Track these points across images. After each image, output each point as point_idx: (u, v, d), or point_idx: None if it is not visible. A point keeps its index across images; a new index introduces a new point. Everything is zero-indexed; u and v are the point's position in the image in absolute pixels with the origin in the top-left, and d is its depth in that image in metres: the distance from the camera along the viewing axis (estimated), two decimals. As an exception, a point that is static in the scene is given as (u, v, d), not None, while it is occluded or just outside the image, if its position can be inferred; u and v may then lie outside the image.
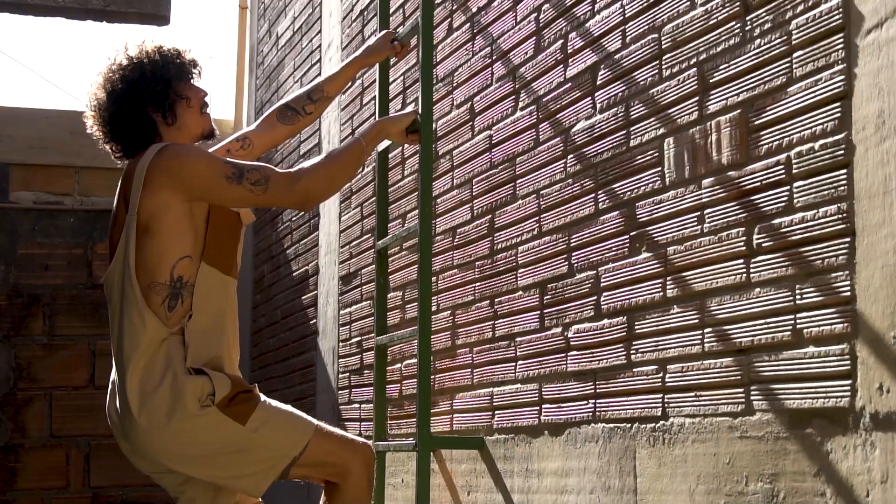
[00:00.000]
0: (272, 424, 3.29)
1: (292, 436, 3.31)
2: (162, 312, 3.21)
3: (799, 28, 2.68)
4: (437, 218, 4.48)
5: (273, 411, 3.31)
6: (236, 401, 3.23)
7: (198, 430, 3.20)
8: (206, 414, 3.19)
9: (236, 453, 3.26)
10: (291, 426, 3.33)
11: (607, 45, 3.45)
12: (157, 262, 3.21)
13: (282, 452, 3.29)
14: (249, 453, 3.27)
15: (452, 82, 4.45)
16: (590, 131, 3.51)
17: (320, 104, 3.86)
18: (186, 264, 3.23)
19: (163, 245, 3.21)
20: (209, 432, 3.21)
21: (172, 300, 3.22)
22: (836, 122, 2.55)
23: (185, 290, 3.23)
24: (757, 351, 2.76)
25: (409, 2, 4.91)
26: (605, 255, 3.40)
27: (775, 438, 2.69)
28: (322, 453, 3.32)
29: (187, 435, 3.20)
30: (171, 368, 3.19)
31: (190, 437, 3.20)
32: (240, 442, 3.24)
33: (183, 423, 3.18)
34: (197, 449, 3.24)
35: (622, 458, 3.27)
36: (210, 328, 3.27)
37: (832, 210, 2.55)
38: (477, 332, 4.14)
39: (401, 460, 4.71)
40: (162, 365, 3.20)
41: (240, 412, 3.23)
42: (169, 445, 3.22)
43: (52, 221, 8.02)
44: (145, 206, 3.21)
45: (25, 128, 8.02)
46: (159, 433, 3.19)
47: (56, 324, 7.94)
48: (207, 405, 3.19)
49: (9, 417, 7.81)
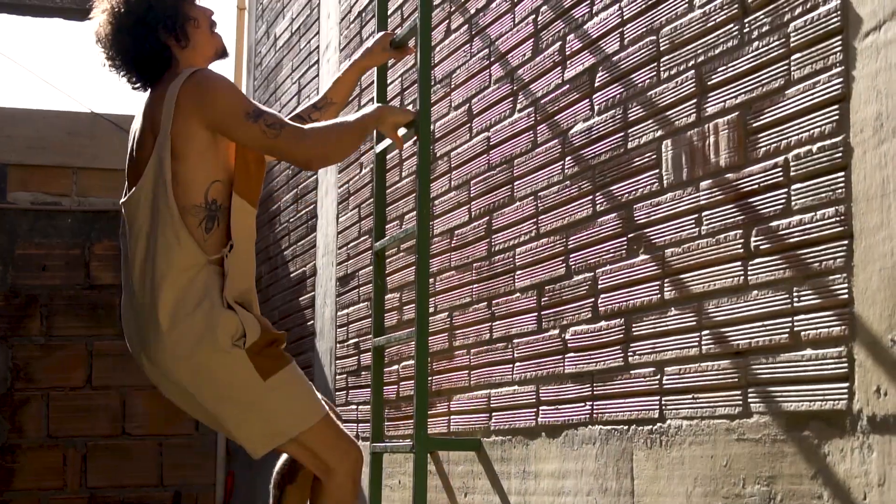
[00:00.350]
0: (289, 392, 3.30)
1: (303, 412, 3.32)
2: (199, 234, 3.24)
3: (797, 30, 2.68)
4: (435, 219, 4.48)
5: (295, 380, 3.32)
6: (267, 354, 3.26)
7: (220, 366, 3.23)
8: (232, 354, 3.22)
9: (246, 405, 3.28)
10: (307, 402, 3.33)
11: (605, 47, 3.45)
12: (190, 185, 3.24)
13: (287, 423, 3.30)
14: (257, 411, 3.28)
15: (450, 84, 4.45)
16: (588, 133, 3.51)
17: (325, 111, 3.87)
18: (219, 188, 3.27)
19: (192, 170, 3.24)
20: (229, 373, 3.24)
21: (209, 222, 3.25)
22: (834, 124, 2.55)
23: (220, 212, 3.27)
24: (754, 353, 2.76)
25: (408, 3, 4.91)
26: (603, 257, 3.40)
27: (773, 441, 2.69)
28: (318, 443, 3.33)
29: (209, 368, 3.23)
30: (208, 297, 3.22)
31: (211, 370, 3.23)
32: (253, 395, 3.26)
33: (209, 356, 3.21)
34: (212, 384, 3.26)
35: (619, 460, 3.27)
36: (243, 259, 3.31)
37: (830, 213, 2.55)
38: (474, 333, 4.14)
39: (398, 462, 4.70)
40: (199, 292, 3.22)
41: (265, 366, 3.25)
42: (189, 373, 3.24)
43: (50, 222, 8.02)
44: (177, 129, 3.24)
45: (23, 128, 8.02)
46: (184, 359, 3.21)
47: (53, 324, 7.94)
48: (238, 346, 3.22)
49: (6, 418, 7.81)
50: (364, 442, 5.18)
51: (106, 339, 7.99)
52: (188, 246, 3.23)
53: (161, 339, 3.22)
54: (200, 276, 3.23)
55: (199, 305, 3.21)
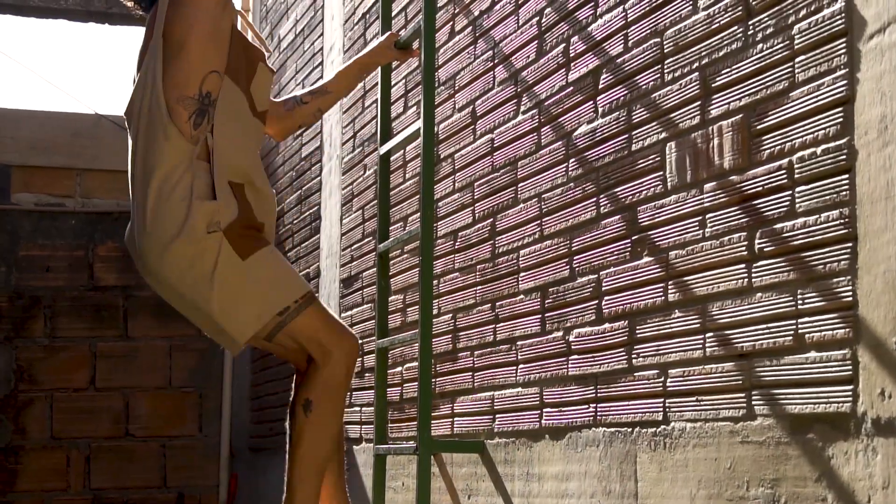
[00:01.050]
0: (271, 269, 3.36)
1: (285, 287, 3.37)
2: (187, 129, 3.30)
3: (801, 32, 2.68)
4: (439, 221, 4.47)
5: (275, 260, 3.39)
6: (245, 235, 3.32)
7: (200, 253, 3.29)
8: (210, 238, 3.28)
9: (230, 288, 3.33)
10: (288, 279, 3.40)
11: (609, 49, 3.45)
12: (187, 77, 3.31)
13: (271, 302, 3.34)
14: (241, 293, 3.33)
15: (454, 86, 4.45)
16: (591, 135, 3.51)
17: (317, 97, 3.89)
18: (214, 79, 3.34)
19: (192, 59, 3.32)
20: (209, 259, 3.29)
21: (199, 117, 3.32)
22: (839, 126, 2.55)
23: (212, 107, 3.33)
24: (758, 356, 2.76)
25: (412, 5, 4.91)
26: (607, 259, 3.40)
27: (777, 443, 2.69)
28: (310, 328, 3.37)
29: (189, 258, 3.29)
30: (191, 193, 3.28)
31: (191, 261, 3.29)
32: (235, 276, 3.31)
33: (186, 247, 3.28)
34: (194, 275, 3.32)
35: (623, 463, 3.26)
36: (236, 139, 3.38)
37: (834, 215, 2.55)
38: (478, 335, 4.14)
39: (401, 463, 4.70)
40: (183, 188, 3.29)
41: (244, 246, 3.31)
42: (173, 265, 3.31)
43: (54, 223, 8.02)
44: (172, 27, 3.32)
45: (27, 129, 8.03)
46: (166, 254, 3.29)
47: (57, 325, 7.94)
48: (214, 230, 3.28)
49: (9, 419, 7.81)
50: (368, 444, 5.18)
51: (109, 340, 8.00)
52: (175, 139, 3.30)
53: (146, 237, 3.31)
54: (187, 174, 3.30)
55: (182, 200, 3.28)
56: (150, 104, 3.33)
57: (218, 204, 3.29)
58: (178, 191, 3.29)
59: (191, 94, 3.31)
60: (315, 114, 3.88)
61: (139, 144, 3.36)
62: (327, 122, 6.11)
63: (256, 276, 3.33)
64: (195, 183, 3.30)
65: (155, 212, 3.29)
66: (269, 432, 7.08)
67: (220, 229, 3.28)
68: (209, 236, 3.27)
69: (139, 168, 3.36)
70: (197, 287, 3.34)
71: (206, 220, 3.27)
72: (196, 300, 3.36)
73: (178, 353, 8.09)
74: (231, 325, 3.37)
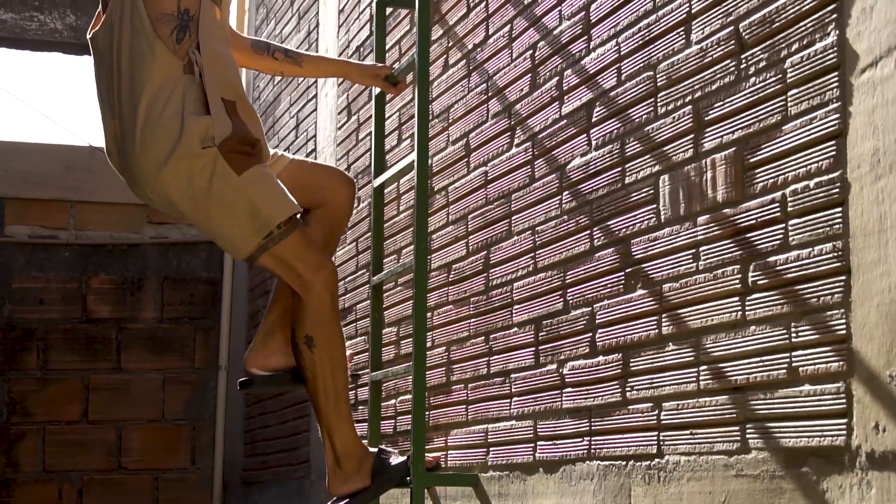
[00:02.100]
0: (264, 185, 3.41)
1: (280, 203, 3.43)
2: (171, 44, 3.34)
3: (794, 66, 2.69)
4: (433, 254, 4.48)
5: (269, 176, 3.44)
6: (240, 151, 3.36)
7: (195, 169, 3.33)
8: (204, 154, 3.32)
9: (226, 204, 3.39)
10: (282, 195, 3.45)
11: (602, 82, 3.46)
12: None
13: (266, 216, 3.40)
14: (238, 206, 3.39)
15: (448, 118, 4.46)
16: (585, 168, 3.52)
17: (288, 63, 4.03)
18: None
19: None
20: (206, 174, 3.34)
21: (181, 32, 3.35)
22: (832, 160, 2.56)
23: (191, 23, 3.37)
24: (752, 389, 2.76)
25: (406, 38, 4.92)
26: (600, 292, 3.40)
27: (771, 477, 2.69)
28: (293, 253, 3.45)
29: (185, 174, 3.33)
30: (182, 107, 3.32)
31: (188, 176, 3.34)
32: (231, 191, 3.37)
33: (181, 163, 3.32)
34: (191, 190, 3.37)
35: (617, 496, 3.25)
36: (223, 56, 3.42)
37: (827, 248, 2.55)
38: (472, 368, 4.14)
39: (395, 497, 4.69)
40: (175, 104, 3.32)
41: (238, 161, 3.36)
42: (171, 183, 3.36)
43: (47, 255, 8.01)
44: None
45: (21, 162, 8.03)
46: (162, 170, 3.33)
47: (50, 358, 7.92)
48: (209, 146, 3.32)
49: (1, 452, 7.78)
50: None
51: (102, 372, 7.98)
52: (161, 54, 3.33)
53: (142, 158, 3.35)
54: (178, 88, 3.34)
55: (174, 117, 3.31)
56: (131, 24, 3.35)
57: (211, 119, 3.32)
58: (170, 108, 3.32)
59: (169, 10, 3.34)
60: (275, 72, 4.02)
61: (123, 66, 3.38)
62: (321, 154, 6.12)
63: (252, 190, 3.38)
64: (186, 98, 3.33)
65: (147, 131, 3.33)
66: (262, 465, 7.05)
67: (214, 144, 3.32)
68: (204, 152, 3.32)
69: (125, 91, 3.38)
70: (197, 203, 3.40)
71: (200, 136, 3.31)
72: (197, 217, 3.44)
73: (171, 385, 8.06)
74: (228, 242, 3.47)
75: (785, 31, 2.72)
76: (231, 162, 3.34)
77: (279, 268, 3.49)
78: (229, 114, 3.38)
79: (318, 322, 3.49)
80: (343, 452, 3.61)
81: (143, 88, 3.33)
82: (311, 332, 3.48)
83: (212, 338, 8.14)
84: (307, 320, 3.49)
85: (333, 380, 3.54)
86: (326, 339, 3.51)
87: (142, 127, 3.34)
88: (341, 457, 3.61)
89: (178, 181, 3.36)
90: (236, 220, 3.41)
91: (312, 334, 3.48)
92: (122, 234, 8.12)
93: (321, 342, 3.50)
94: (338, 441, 3.60)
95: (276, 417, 6.77)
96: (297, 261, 3.47)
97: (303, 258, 3.47)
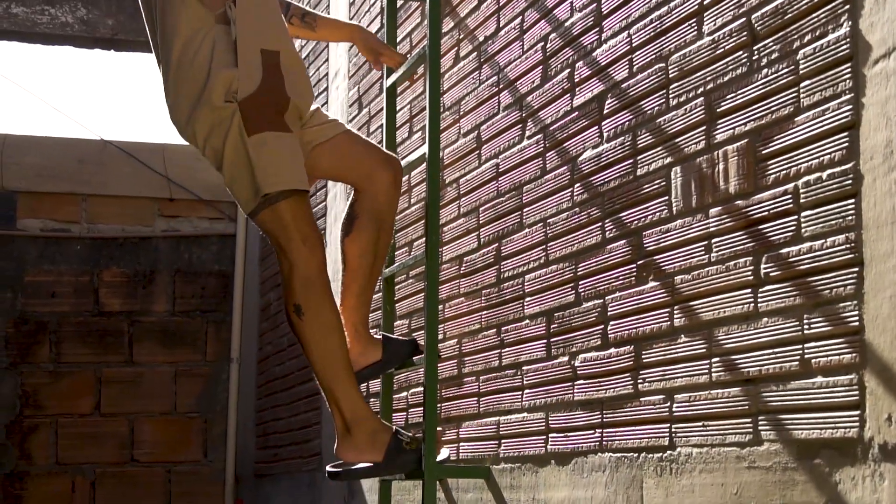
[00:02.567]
0: (276, 152, 3.41)
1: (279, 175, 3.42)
2: None
3: (806, 58, 2.68)
4: (444, 246, 4.48)
5: (285, 147, 3.42)
6: (261, 110, 3.37)
7: (217, 122, 3.36)
8: (226, 108, 3.35)
9: (231, 161, 3.41)
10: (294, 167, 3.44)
11: (614, 74, 3.45)
12: None
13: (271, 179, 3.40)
14: (239, 166, 3.41)
15: (459, 111, 4.46)
16: (597, 160, 3.51)
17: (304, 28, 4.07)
18: None
19: None
20: (223, 127, 3.37)
21: None
22: (844, 151, 2.55)
23: None
24: (765, 381, 2.76)
25: (417, 30, 4.92)
26: (612, 284, 3.40)
27: (783, 469, 2.68)
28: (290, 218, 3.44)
29: (209, 125, 3.37)
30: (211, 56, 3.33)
31: (210, 128, 3.37)
32: (235, 149, 3.38)
33: (208, 114, 3.36)
34: (214, 143, 3.40)
35: (629, 488, 3.25)
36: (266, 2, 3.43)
37: (840, 240, 2.55)
38: (483, 360, 4.14)
39: (407, 489, 4.69)
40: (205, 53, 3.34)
41: (254, 122, 3.37)
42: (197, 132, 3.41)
43: (59, 249, 8.03)
44: None
45: (33, 156, 8.04)
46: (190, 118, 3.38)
47: (62, 351, 7.95)
48: (230, 100, 3.34)
49: (15, 444, 7.81)
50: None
51: (114, 365, 8.00)
52: (193, 7, 3.35)
53: (173, 104, 3.41)
54: (208, 38, 3.35)
55: (203, 66, 3.33)
56: None
57: (237, 72, 3.33)
58: (199, 57, 3.35)
59: None
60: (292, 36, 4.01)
61: (157, 15, 3.42)
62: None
63: (259, 154, 3.39)
64: (216, 48, 3.35)
65: (177, 79, 3.37)
66: (274, 458, 7.06)
67: (236, 100, 3.33)
68: (225, 106, 3.34)
69: (160, 38, 3.43)
70: (216, 155, 3.44)
71: (223, 89, 3.33)
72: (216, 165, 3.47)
73: (183, 378, 8.08)
74: (237, 195, 3.49)
75: (797, 22, 2.71)
76: (247, 120, 3.35)
77: (271, 226, 3.46)
78: (266, 66, 3.38)
79: (304, 290, 3.45)
80: (353, 419, 3.56)
81: (175, 35, 3.36)
82: (298, 301, 3.46)
83: (223, 331, 8.15)
84: (293, 289, 3.46)
85: (326, 344, 3.50)
86: (315, 304, 3.47)
87: (173, 75, 3.39)
88: (351, 423, 3.56)
89: (203, 132, 3.41)
90: (240, 179, 3.43)
91: (300, 302, 3.45)
92: (134, 227, 8.14)
93: (309, 308, 3.46)
94: (345, 407, 3.55)
95: (287, 410, 6.78)
96: (287, 229, 3.44)
97: (293, 227, 3.45)
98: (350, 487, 5.51)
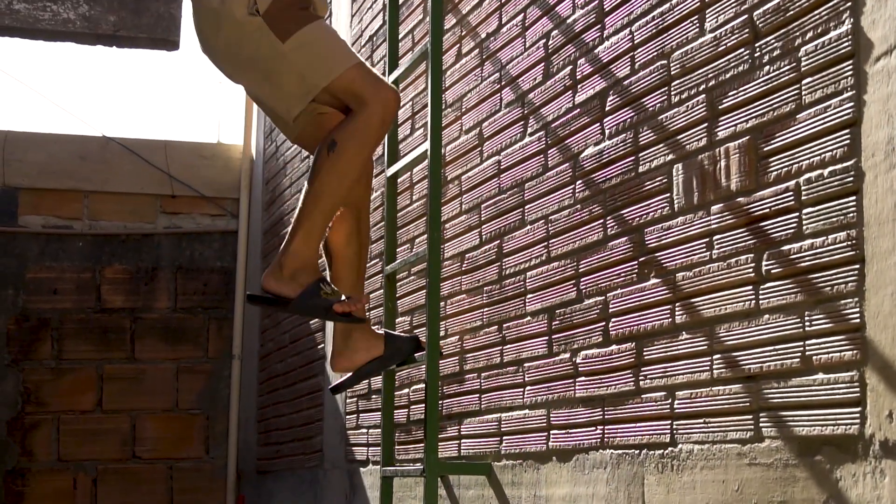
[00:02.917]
0: (314, 47, 3.36)
1: (331, 62, 3.36)
2: None
3: (808, 55, 2.68)
4: (446, 243, 4.48)
5: (321, 35, 3.37)
6: (287, 16, 3.32)
7: (242, 38, 3.33)
8: (250, 23, 3.30)
9: (274, 73, 3.35)
10: (335, 52, 3.39)
11: (616, 71, 3.45)
12: None
13: (312, 81, 3.35)
14: (281, 75, 3.35)
15: (461, 108, 4.46)
16: (598, 157, 3.52)
17: None
18: None
19: None
20: (250, 44, 3.32)
21: None
22: (846, 148, 2.55)
23: None
24: (766, 378, 2.76)
25: (419, 28, 4.92)
26: (614, 281, 3.40)
27: (784, 466, 2.69)
28: (348, 81, 3.36)
29: (236, 40, 3.33)
30: None
31: (238, 43, 3.34)
32: (276, 60, 3.33)
33: (228, 33, 3.32)
34: (240, 60, 3.38)
35: (630, 485, 3.26)
36: None
37: (841, 237, 2.55)
38: (485, 357, 4.14)
39: (408, 486, 4.70)
40: None
41: (285, 27, 3.32)
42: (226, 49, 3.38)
43: (61, 245, 8.03)
44: None
45: (35, 152, 8.05)
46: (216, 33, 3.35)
47: (64, 348, 7.95)
48: (253, 14, 3.30)
49: (16, 441, 7.82)
50: (374, 466, 5.18)
51: (116, 362, 8.00)
52: None
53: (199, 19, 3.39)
54: None
55: None
56: None
57: None
58: None
59: None
60: None
61: None
62: (334, 144, 6.12)
63: (298, 57, 3.32)
64: None
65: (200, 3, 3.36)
66: (276, 455, 7.07)
67: (258, 13, 3.30)
68: (250, 19, 3.30)
69: None
70: (245, 70, 3.41)
71: (243, 3, 3.30)
72: (249, 82, 3.44)
73: (185, 375, 8.09)
74: (280, 105, 3.42)
75: (799, 20, 2.72)
76: (276, 28, 3.30)
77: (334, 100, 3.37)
78: None
79: (352, 135, 3.35)
80: (294, 251, 3.41)
81: None
82: (339, 140, 3.34)
83: (225, 327, 8.15)
84: (343, 128, 3.36)
85: (330, 183, 3.38)
86: (348, 154, 3.35)
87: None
88: (291, 255, 3.42)
89: (231, 48, 3.37)
90: (285, 86, 3.36)
91: (339, 141, 3.34)
92: (136, 224, 8.14)
93: (341, 152, 3.34)
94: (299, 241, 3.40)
95: (289, 406, 6.79)
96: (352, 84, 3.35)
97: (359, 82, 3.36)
98: (352, 484, 5.51)
